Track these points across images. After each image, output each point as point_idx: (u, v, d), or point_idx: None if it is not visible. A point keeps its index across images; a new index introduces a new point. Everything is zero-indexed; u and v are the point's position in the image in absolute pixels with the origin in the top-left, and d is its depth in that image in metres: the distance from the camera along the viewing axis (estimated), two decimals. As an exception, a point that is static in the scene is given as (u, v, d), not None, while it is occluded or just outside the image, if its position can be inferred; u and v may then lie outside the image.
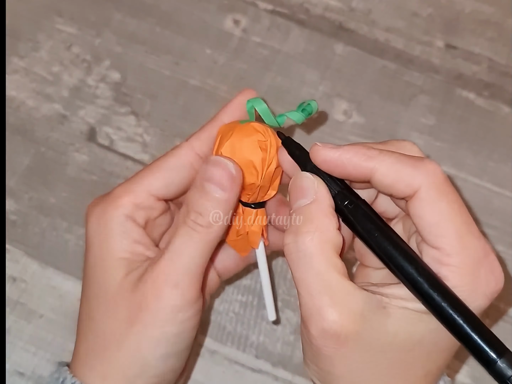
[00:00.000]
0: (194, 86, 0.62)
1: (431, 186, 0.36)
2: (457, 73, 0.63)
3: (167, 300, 0.39)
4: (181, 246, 0.39)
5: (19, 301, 0.55)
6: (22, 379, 0.53)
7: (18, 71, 0.63)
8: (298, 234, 0.36)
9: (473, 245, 0.36)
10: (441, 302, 0.35)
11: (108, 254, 0.41)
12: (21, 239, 0.57)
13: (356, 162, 0.37)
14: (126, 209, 0.41)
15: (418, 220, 0.36)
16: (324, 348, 0.36)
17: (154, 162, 0.43)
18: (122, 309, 0.39)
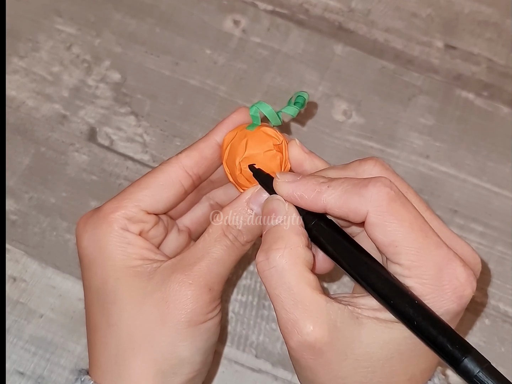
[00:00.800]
0: (194, 86, 0.62)
1: (376, 210, 0.36)
2: (456, 74, 0.63)
3: (201, 301, 0.40)
4: (220, 256, 0.41)
5: (19, 300, 0.55)
6: (22, 379, 0.53)
7: (18, 71, 0.63)
8: (268, 251, 0.38)
9: (432, 255, 0.36)
10: (405, 307, 0.36)
11: (120, 264, 0.41)
12: (21, 239, 0.57)
13: (307, 199, 0.39)
14: (120, 223, 0.42)
15: (374, 242, 0.37)
16: (302, 359, 0.37)
17: (143, 177, 0.44)
18: (152, 309, 0.40)
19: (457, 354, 0.34)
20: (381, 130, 0.60)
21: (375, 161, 0.40)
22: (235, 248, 0.42)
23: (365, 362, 0.37)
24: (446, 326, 0.36)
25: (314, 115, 0.61)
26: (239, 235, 0.42)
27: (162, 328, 0.40)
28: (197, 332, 0.41)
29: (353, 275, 0.38)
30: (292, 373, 0.53)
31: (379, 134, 0.60)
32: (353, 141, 0.60)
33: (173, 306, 0.40)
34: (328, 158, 0.57)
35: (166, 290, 0.40)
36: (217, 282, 0.41)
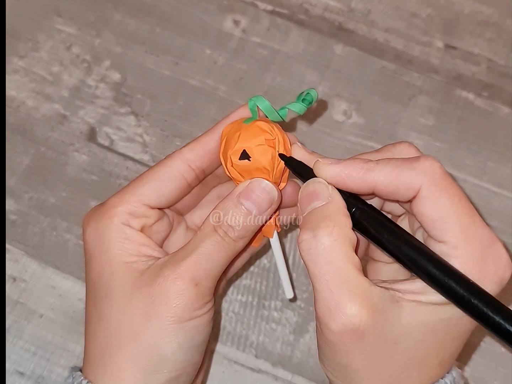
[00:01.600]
0: (194, 86, 0.62)
1: (430, 183, 0.37)
2: (457, 74, 0.63)
3: (187, 296, 0.39)
4: (209, 251, 0.40)
5: (19, 300, 0.55)
6: (22, 379, 0.53)
7: (18, 71, 0.63)
8: (316, 229, 0.37)
9: (477, 235, 0.37)
10: (459, 289, 0.36)
11: (115, 259, 0.41)
12: (21, 238, 0.57)
13: (356, 177, 0.38)
14: (121, 218, 0.42)
15: (422, 218, 0.37)
16: (341, 343, 0.36)
17: (146, 171, 0.44)
18: (139, 304, 0.40)
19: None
20: (381, 130, 0.60)
21: (409, 144, 0.41)
22: (225, 244, 0.41)
23: (403, 345, 0.37)
24: (501, 305, 0.36)
25: (323, 114, 0.61)
26: (230, 231, 0.41)
27: (147, 324, 0.40)
28: (181, 329, 0.40)
29: (399, 258, 0.38)
30: (292, 373, 0.53)
31: (379, 134, 0.60)
32: (353, 141, 0.60)
33: (158, 301, 0.40)
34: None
35: (153, 285, 0.40)
36: (205, 278, 0.40)
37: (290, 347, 0.54)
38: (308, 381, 0.53)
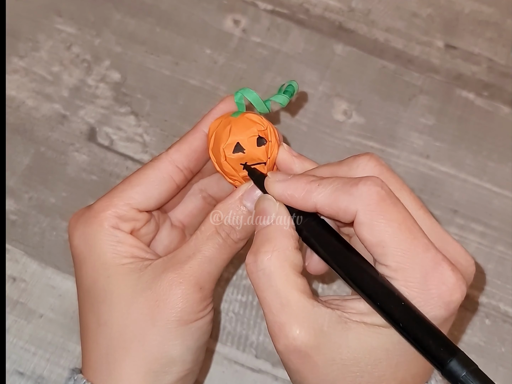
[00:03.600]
0: (194, 86, 0.62)
1: (365, 209, 0.36)
2: (457, 73, 0.63)
3: (192, 300, 0.40)
4: (211, 254, 0.41)
5: (19, 300, 0.55)
6: (22, 379, 0.53)
7: (18, 71, 0.63)
8: (257, 254, 0.37)
9: (418, 258, 0.35)
10: (391, 308, 0.35)
11: (110, 262, 0.41)
12: (21, 238, 0.57)
13: (297, 197, 0.38)
14: (111, 222, 0.42)
15: (362, 242, 0.37)
16: (290, 363, 0.37)
17: (133, 174, 0.44)
18: (143, 308, 0.40)
19: (442, 356, 0.33)
20: (382, 130, 0.60)
21: (369, 157, 0.39)
22: (227, 246, 0.41)
23: (353, 367, 0.36)
24: (432, 327, 0.35)
25: (303, 106, 0.61)
26: (232, 233, 0.41)
27: (152, 328, 0.40)
28: (187, 331, 0.40)
29: (341, 275, 0.38)
30: (292, 373, 0.53)
31: (380, 134, 0.60)
32: (354, 141, 0.60)
33: (163, 305, 0.40)
34: (329, 158, 0.58)
35: (156, 289, 0.40)
36: (208, 281, 0.41)
37: (290, 347, 0.54)
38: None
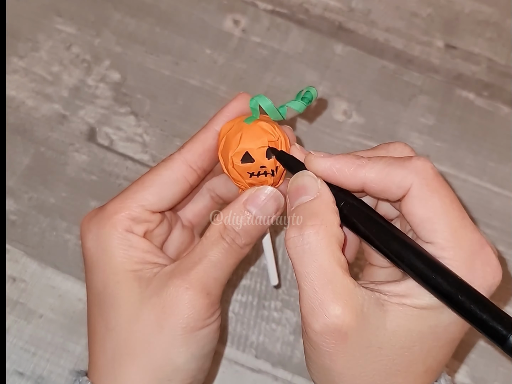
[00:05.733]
0: (194, 86, 0.62)
1: (421, 182, 0.36)
2: (457, 73, 0.62)
3: (198, 306, 0.39)
4: (217, 260, 0.40)
5: (19, 301, 0.55)
6: (21, 379, 0.53)
7: (17, 71, 0.63)
8: (303, 228, 0.36)
9: (467, 238, 0.36)
10: (447, 285, 0.35)
11: (121, 268, 0.41)
12: (21, 239, 0.57)
13: (346, 172, 0.38)
14: (124, 224, 0.41)
15: (411, 217, 0.37)
16: (323, 344, 0.36)
17: (146, 174, 0.43)
18: (149, 314, 0.40)
19: (502, 331, 0.34)
20: (382, 130, 0.60)
21: (404, 144, 0.40)
22: (232, 251, 0.41)
23: (387, 350, 0.36)
24: (489, 303, 0.35)
25: (322, 113, 0.61)
26: (237, 238, 0.40)
27: (159, 334, 0.39)
28: (193, 339, 0.40)
29: (388, 255, 0.37)
30: (292, 373, 0.53)
31: (380, 134, 0.60)
32: (354, 141, 0.60)
33: (170, 311, 0.39)
34: (328, 158, 0.57)
35: (163, 295, 0.39)
36: (215, 287, 0.40)
37: (290, 347, 0.54)
38: (308, 381, 0.53)
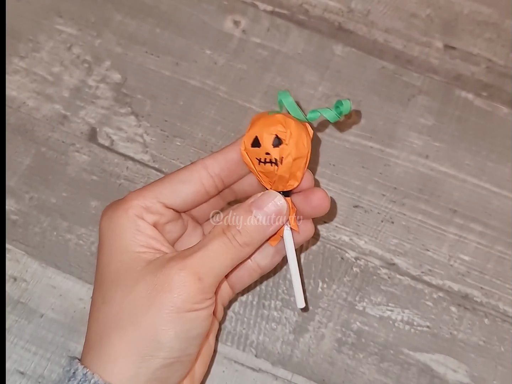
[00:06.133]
0: (194, 86, 0.62)
1: None
2: (456, 74, 0.63)
3: (188, 288, 0.41)
4: (215, 250, 0.42)
5: (20, 300, 0.55)
6: (22, 379, 0.53)
7: (18, 71, 0.63)
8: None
9: None
10: None
11: (125, 248, 0.43)
12: (22, 238, 0.57)
13: None
14: (136, 210, 0.44)
15: None
16: None
17: (168, 174, 0.46)
18: (142, 290, 0.41)
19: None
20: (381, 130, 0.60)
21: None
22: (231, 247, 0.43)
23: None
24: None
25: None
26: (237, 235, 0.43)
27: (147, 310, 0.41)
28: (179, 320, 0.41)
29: None
30: (292, 372, 0.53)
31: (379, 134, 0.60)
32: (353, 141, 0.60)
33: (160, 289, 0.41)
34: (328, 158, 0.58)
35: (158, 274, 0.41)
36: (208, 274, 0.42)
37: (290, 346, 0.54)
38: (308, 380, 0.53)
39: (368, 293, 0.55)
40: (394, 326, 0.54)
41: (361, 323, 0.54)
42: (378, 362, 0.53)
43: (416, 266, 0.56)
